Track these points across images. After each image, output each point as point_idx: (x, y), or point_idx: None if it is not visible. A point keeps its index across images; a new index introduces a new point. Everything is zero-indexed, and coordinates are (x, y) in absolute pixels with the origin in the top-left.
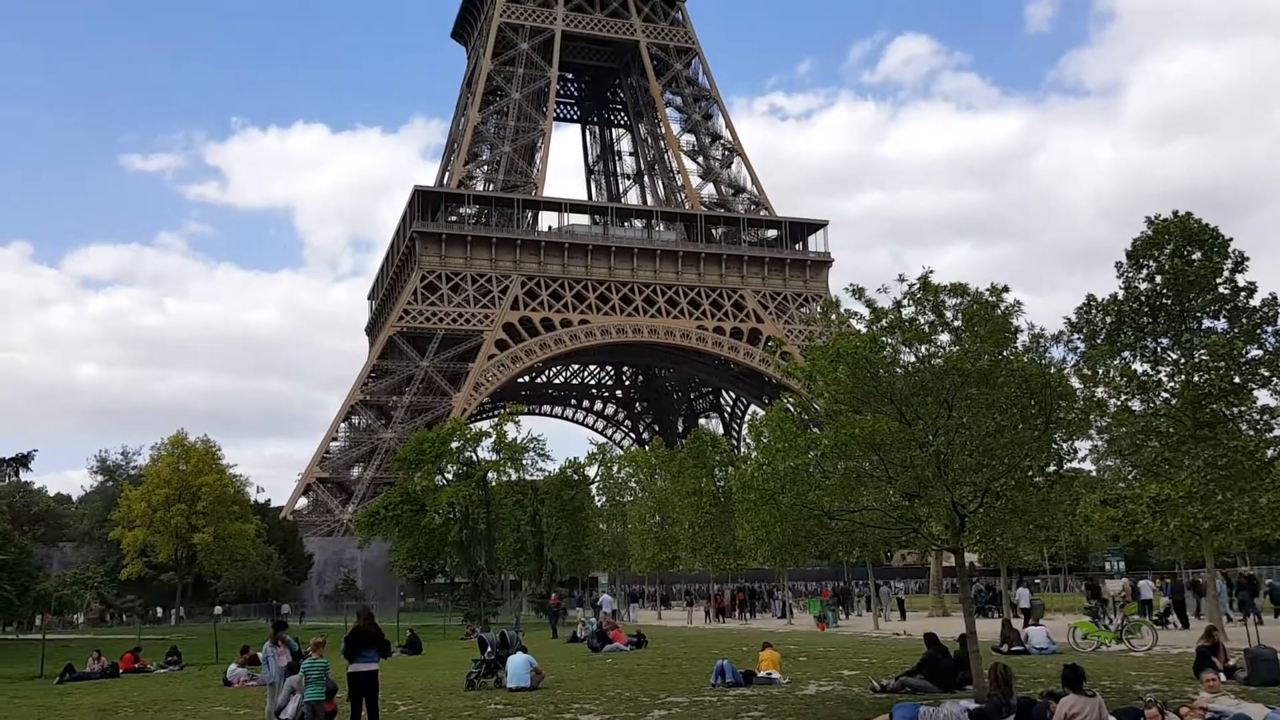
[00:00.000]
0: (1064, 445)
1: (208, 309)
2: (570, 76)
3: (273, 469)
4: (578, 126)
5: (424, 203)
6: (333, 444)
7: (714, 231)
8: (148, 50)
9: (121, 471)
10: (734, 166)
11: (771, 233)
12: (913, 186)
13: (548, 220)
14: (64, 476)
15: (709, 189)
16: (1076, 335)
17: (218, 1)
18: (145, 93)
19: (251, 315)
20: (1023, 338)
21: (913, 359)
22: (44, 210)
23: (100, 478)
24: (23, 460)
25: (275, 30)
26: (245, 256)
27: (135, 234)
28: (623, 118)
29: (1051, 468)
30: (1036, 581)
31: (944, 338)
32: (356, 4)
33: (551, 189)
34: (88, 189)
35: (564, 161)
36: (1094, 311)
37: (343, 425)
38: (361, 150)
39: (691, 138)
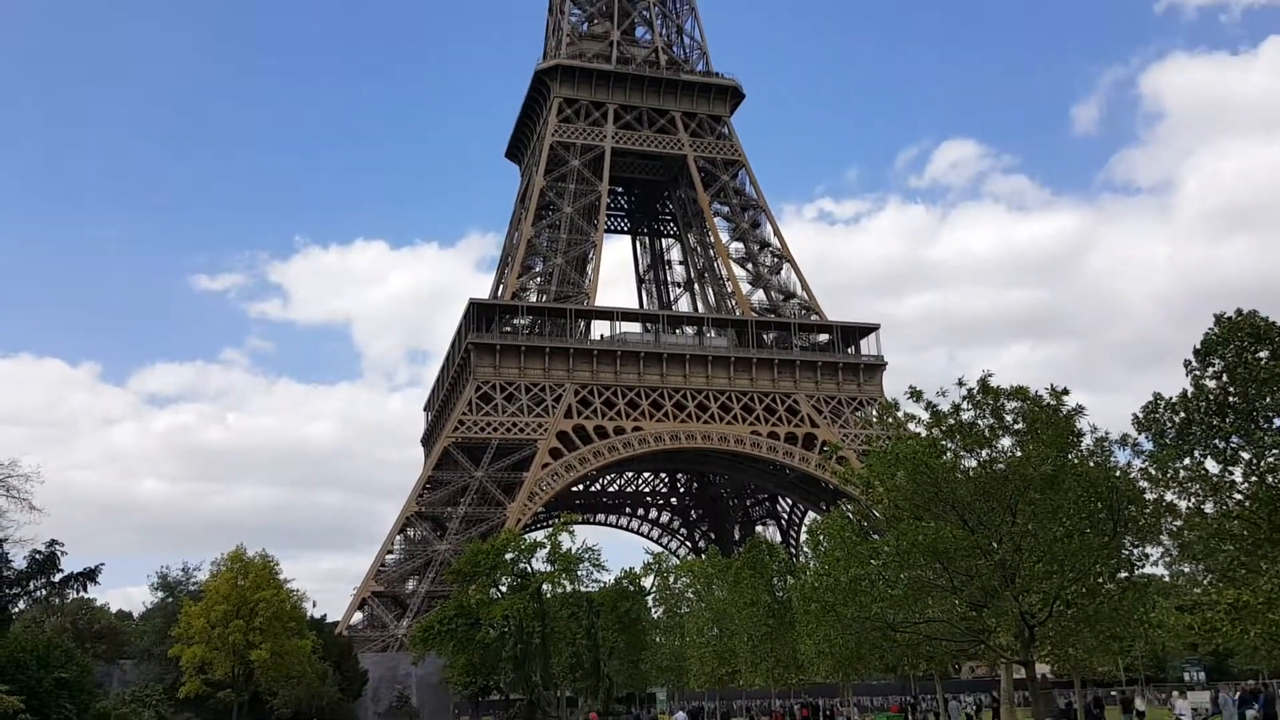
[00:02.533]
0: (1135, 550)
1: (267, 423)
2: (620, 190)
3: (329, 583)
4: (628, 237)
5: (479, 315)
6: (388, 557)
7: (765, 337)
8: (218, 172)
9: (182, 587)
10: (783, 272)
11: (823, 337)
12: (966, 286)
13: (600, 329)
14: (125, 593)
15: (759, 295)
16: (1144, 435)
17: (286, 127)
18: (214, 214)
19: (309, 428)
20: (1086, 441)
21: (974, 463)
22: (114, 331)
23: (161, 594)
24: (90, 574)
25: (340, 154)
26: (304, 370)
27: (200, 352)
28: (672, 227)
29: (1123, 574)
30: (1113, 694)
31: (1005, 441)
32: (418, 129)
33: (603, 298)
34: (156, 309)
35: (615, 271)
36: (1162, 410)
37: (398, 538)
38: (419, 264)
39: (740, 245)
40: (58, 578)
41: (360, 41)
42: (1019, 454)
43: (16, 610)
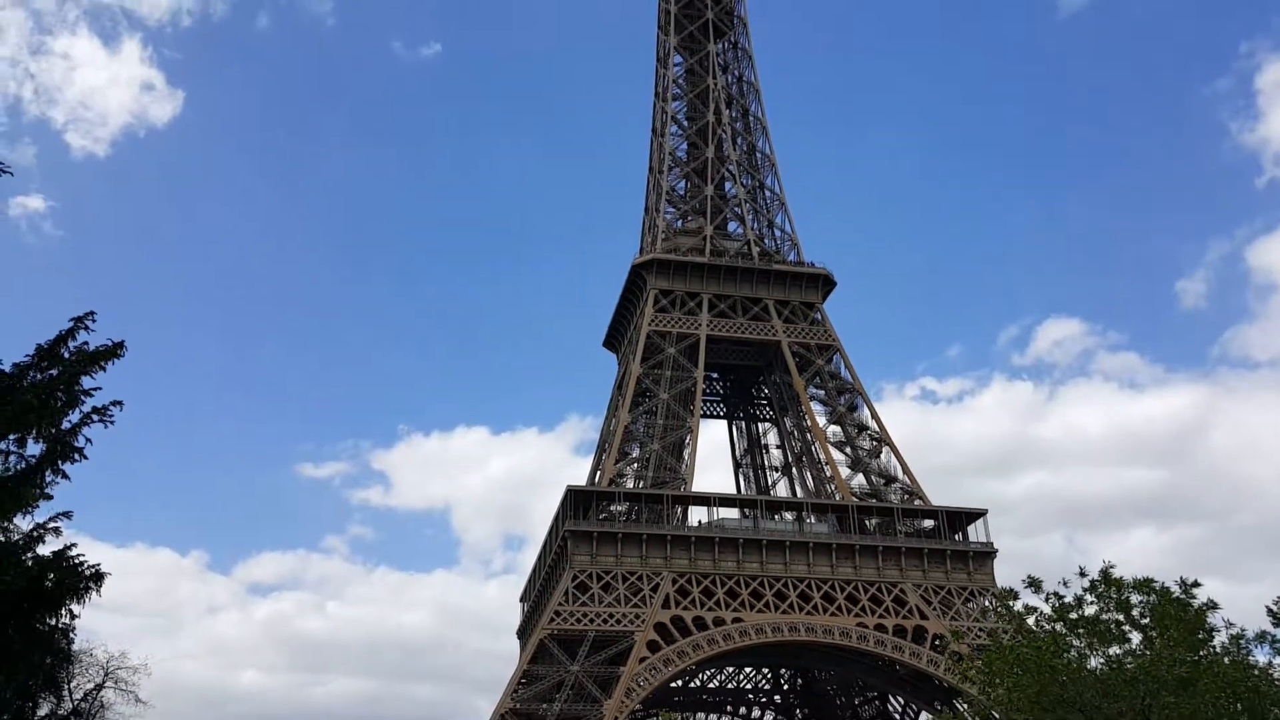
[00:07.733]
0: None
1: (364, 611)
2: (715, 375)
3: None
4: (724, 422)
5: (576, 502)
6: None
7: (867, 523)
8: (328, 367)
9: None
10: (883, 455)
11: (929, 522)
12: (1080, 466)
13: (697, 515)
14: None
15: (859, 479)
16: None
17: (395, 326)
18: (322, 405)
19: (405, 617)
20: (1221, 637)
21: (1099, 662)
22: (223, 520)
23: None
24: None
25: (444, 346)
26: (402, 557)
27: (302, 539)
28: (768, 412)
29: None
30: None
31: (1134, 638)
32: (520, 321)
33: (700, 484)
34: (264, 498)
35: (711, 456)
36: None
37: None
38: (518, 449)
39: (838, 429)
40: None
41: (465, 243)
42: (1148, 653)
43: None
